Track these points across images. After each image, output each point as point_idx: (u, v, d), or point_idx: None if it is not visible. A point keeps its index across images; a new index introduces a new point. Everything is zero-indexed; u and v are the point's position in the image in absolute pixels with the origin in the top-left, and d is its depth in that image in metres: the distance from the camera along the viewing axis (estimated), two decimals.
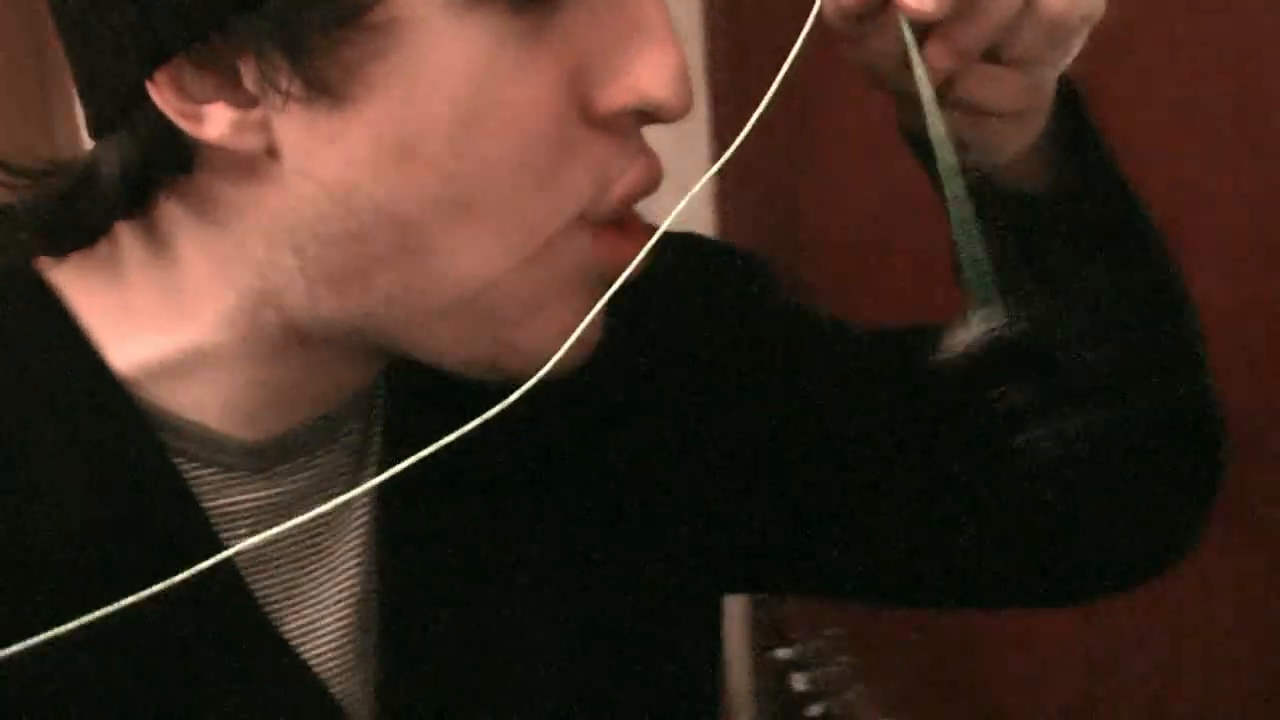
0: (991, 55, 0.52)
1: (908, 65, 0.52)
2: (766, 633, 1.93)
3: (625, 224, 0.52)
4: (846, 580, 0.73)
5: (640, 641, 0.66)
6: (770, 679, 1.88)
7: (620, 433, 0.66)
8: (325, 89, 0.46)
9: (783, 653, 1.82)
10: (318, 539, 0.58)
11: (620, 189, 0.51)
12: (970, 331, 0.50)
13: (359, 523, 0.59)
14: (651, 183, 0.52)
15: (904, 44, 0.51)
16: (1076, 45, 0.54)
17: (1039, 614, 1.75)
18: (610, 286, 0.50)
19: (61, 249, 0.53)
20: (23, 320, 0.54)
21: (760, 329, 0.70)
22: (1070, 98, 0.60)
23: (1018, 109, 0.56)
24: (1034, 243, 0.61)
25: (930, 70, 0.51)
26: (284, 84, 0.45)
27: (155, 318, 0.53)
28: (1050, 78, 0.56)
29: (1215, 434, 0.69)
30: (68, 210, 0.51)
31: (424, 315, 0.51)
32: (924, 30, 0.50)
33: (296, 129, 0.47)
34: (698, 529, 0.68)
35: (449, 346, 0.52)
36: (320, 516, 0.57)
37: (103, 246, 0.53)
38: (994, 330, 0.49)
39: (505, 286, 0.50)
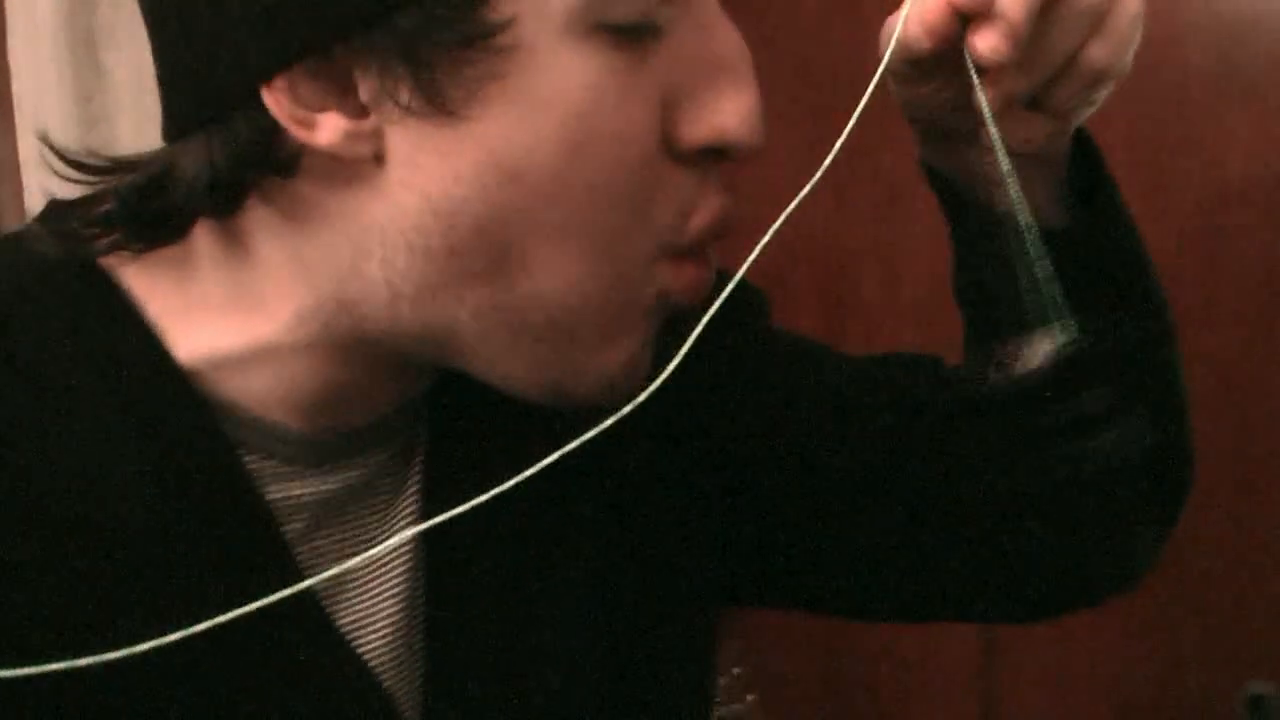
0: (1029, 101, 0.57)
1: (955, 108, 0.56)
2: None
3: (700, 257, 0.54)
4: (834, 594, 0.75)
5: (650, 652, 0.67)
6: None
7: (642, 449, 0.67)
8: (444, 106, 0.47)
9: None
10: (368, 535, 0.58)
11: (698, 222, 0.52)
12: (1043, 348, 0.53)
13: (406, 519, 0.60)
14: (728, 218, 0.53)
15: (952, 89, 0.56)
16: (1103, 97, 0.58)
17: (943, 651, 1.81)
18: (669, 318, 0.53)
19: (137, 247, 0.52)
20: (86, 310, 0.54)
21: (758, 358, 0.73)
22: (1082, 140, 0.64)
23: (1044, 152, 0.60)
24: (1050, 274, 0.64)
25: (974, 112, 0.55)
26: (405, 98, 0.46)
27: (223, 314, 0.53)
28: (1074, 124, 0.60)
29: (1187, 463, 0.72)
30: (144, 209, 0.51)
31: (506, 333, 0.51)
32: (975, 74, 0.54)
33: (407, 141, 0.48)
34: (703, 542, 0.70)
35: (520, 368, 0.53)
36: (372, 517, 0.58)
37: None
38: (1069, 344, 0.53)
39: (588, 311, 0.51)
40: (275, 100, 0.47)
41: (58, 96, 1.30)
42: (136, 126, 1.36)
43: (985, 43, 0.51)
